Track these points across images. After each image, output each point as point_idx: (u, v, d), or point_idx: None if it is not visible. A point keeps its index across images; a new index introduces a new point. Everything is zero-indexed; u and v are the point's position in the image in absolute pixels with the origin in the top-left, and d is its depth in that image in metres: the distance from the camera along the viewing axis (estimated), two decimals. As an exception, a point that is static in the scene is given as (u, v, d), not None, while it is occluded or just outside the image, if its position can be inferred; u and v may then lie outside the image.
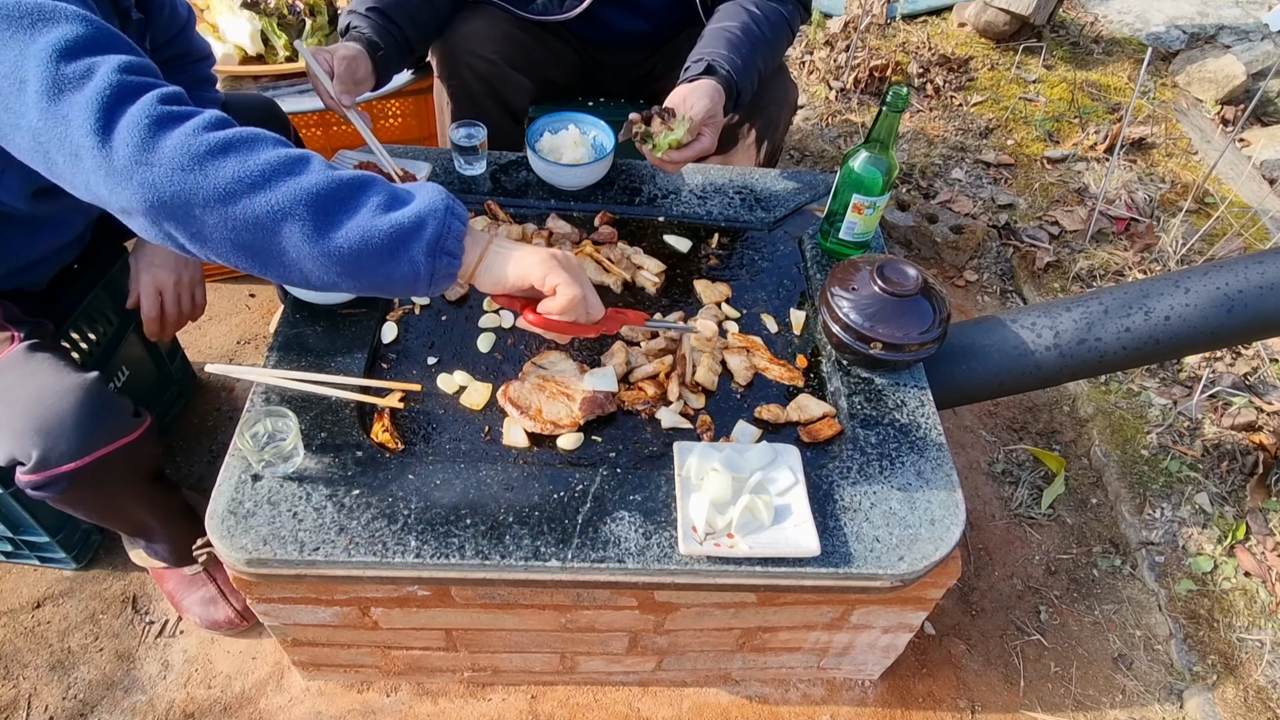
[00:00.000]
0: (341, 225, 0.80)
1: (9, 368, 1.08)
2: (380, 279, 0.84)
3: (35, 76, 0.76)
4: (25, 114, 0.77)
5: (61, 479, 1.06)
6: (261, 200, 0.78)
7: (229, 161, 0.78)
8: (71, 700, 1.38)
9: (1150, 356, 1.36)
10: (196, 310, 1.33)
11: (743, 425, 1.22)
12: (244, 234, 0.79)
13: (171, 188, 0.76)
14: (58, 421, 1.04)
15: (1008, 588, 1.66)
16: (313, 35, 1.94)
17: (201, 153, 0.77)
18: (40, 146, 0.78)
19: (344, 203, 0.81)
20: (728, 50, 1.47)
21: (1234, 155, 2.82)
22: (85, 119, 0.75)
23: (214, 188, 0.77)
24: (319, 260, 0.81)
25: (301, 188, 0.79)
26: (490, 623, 1.21)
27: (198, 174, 0.77)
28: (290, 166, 0.80)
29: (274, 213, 0.78)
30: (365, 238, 0.81)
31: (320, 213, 0.80)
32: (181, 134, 0.77)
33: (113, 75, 0.77)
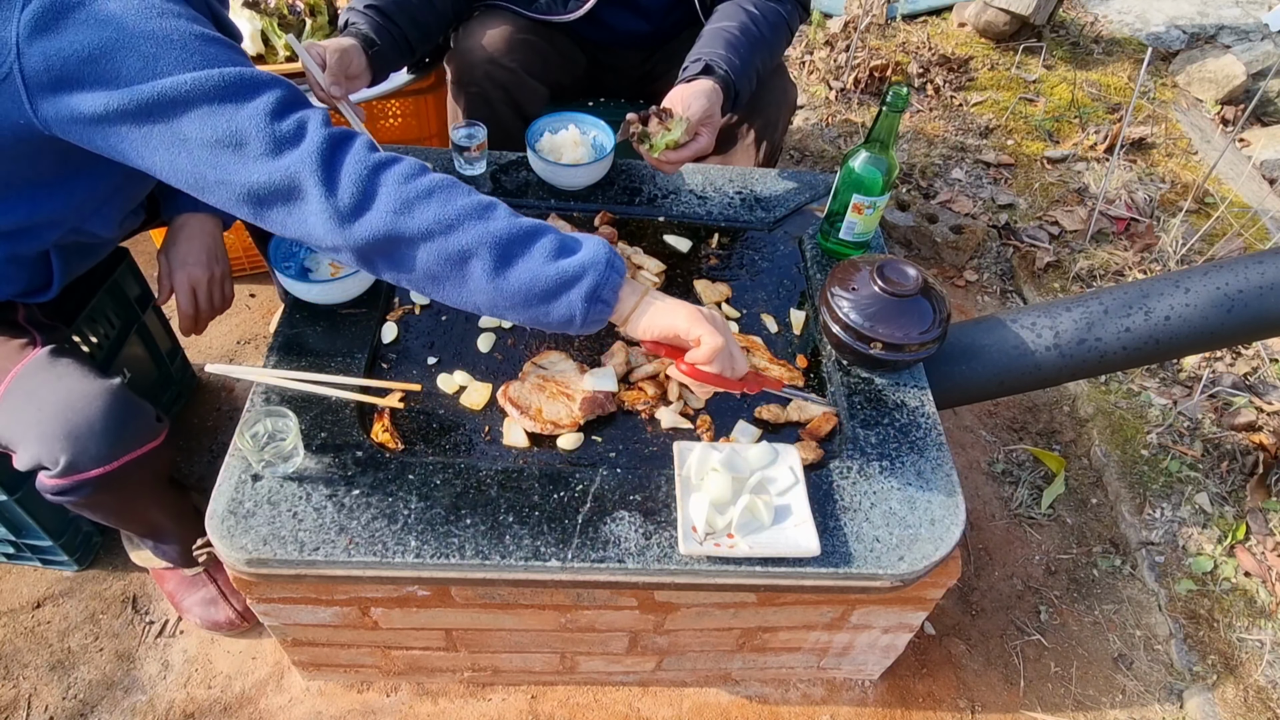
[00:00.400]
0: (516, 266, 0.92)
1: (34, 372, 1.09)
2: (541, 315, 0.95)
3: (255, 138, 0.85)
4: (244, 171, 0.86)
5: (88, 484, 1.07)
6: (456, 240, 0.90)
7: (433, 204, 0.90)
8: (71, 700, 1.38)
9: (1150, 356, 1.36)
10: (226, 304, 1.36)
11: (743, 425, 1.22)
12: (435, 266, 0.91)
13: (385, 229, 0.88)
14: (87, 427, 1.05)
15: (1008, 588, 1.66)
16: (313, 35, 1.93)
17: (412, 197, 0.89)
18: (254, 198, 0.88)
19: (521, 247, 0.93)
20: (726, 50, 1.47)
21: (1234, 155, 2.82)
22: (309, 168, 0.86)
23: (419, 227, 0.89)
24: (491, 294, 0.93)
25: (489, 231, 0.91)
26: (490, 623, 1.21)
27: (407, 216, 0.89)
28: (480, 212, 0.92)
29: (463, 251, 0.90)
30: (534, 280, 0.92)
31: (500, 255, 0.91)
32: (394, 180, 0.89)
33: (322, 130, 0.88)
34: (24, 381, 1.08)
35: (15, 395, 1.07)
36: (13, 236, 1.06)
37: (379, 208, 0.88)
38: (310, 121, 0.89)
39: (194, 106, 0.85)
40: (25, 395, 1.07)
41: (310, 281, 1.26)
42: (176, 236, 1.29)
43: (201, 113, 0.85)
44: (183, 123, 0.85)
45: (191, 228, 1.29)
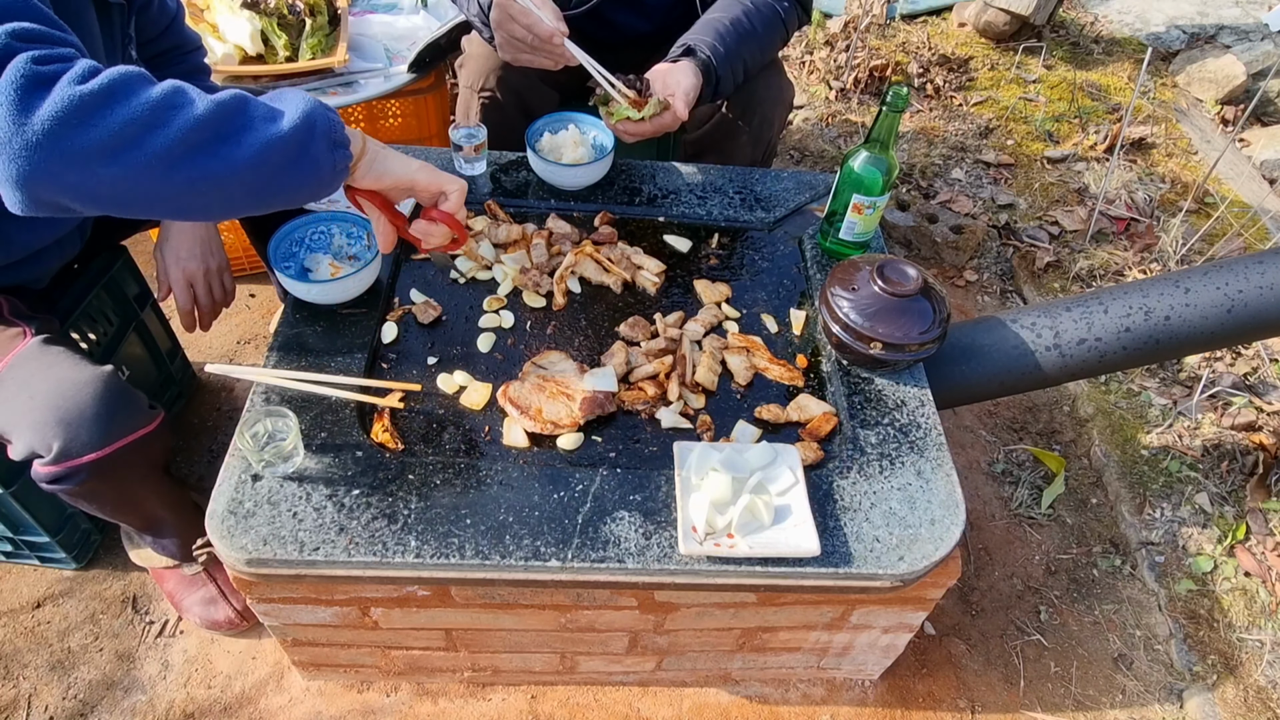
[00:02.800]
0: (243, 142, 0.78)
1: (25, 361, 1.09)
2: (289, 185, 0.83)
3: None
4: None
5: (81, 470, 1.07)
6: (161, 139, 0.74)
7: (115, 109, 0.73)
8: (71, 700, 1.38)
9: (1150, 356, 1.36)
10: (228, 297, 1.35)
11: (743, 425, 1.22)
12: (149, 179, 0.75)
13: (59, 147, 0.71)
14: (78, 413, 1.05)
15: (1008, 588, 1.66)
16: (313, 35, 1.93)
17: (82, 104, 0.71)
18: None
19: (238, 121, 0.79)
20: (712, 38, 1.49)
21: (1234, 155, 2.82)
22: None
23: (106, 136, 0.72)
24: (227, 182, 0.79)
25: (193, 117, 0.76)
26: (490, 623, 1.21)
27: (85, 129, 0.72)
28: (173, 98, 0.76)
29: (176, 149, 0.75)
30: (268, 147, 0.79)
31: (219, 137, 0.77)
32: (58, 91, 0.71)
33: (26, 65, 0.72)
34: (16, 371, 1.08)
35: (8, 384, 1.07)
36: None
37: (42, 122, 0.70)
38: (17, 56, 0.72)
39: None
40: (17, 384, 1.07)
41: (310, 281, 1.26)
42: (169, 231, 1.28)
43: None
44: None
45: (183, 222, 1.28)
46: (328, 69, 1.93)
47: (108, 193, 0.75)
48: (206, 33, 1.85)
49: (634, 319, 1.35)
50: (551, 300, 1.39)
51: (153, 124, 0.74)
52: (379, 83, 1.95)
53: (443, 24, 1.91)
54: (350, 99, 1.89)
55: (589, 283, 1.43)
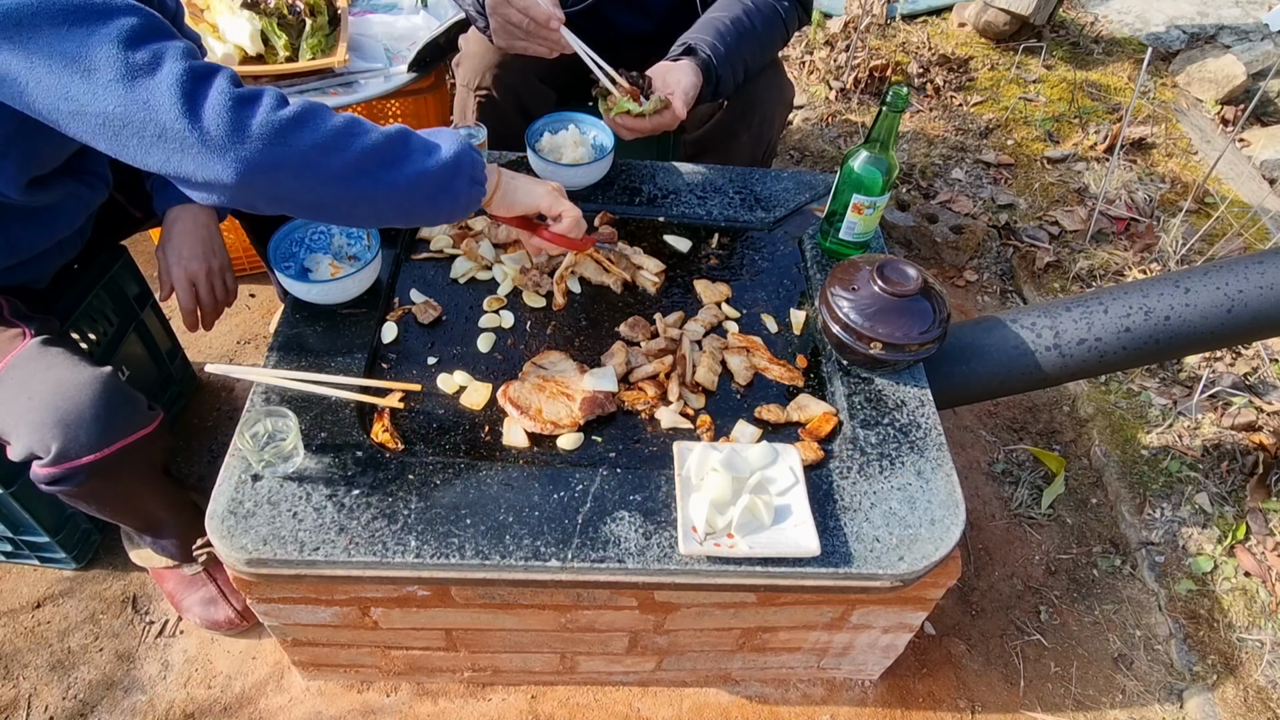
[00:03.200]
0: (401, 170, 0.95)
1: (24, 362, 1.09)
2: (430, 210, 1.01)
3: (104, 65, 0.82)
4: (96, 99, 0.82)
5: (80, 471, 1.07)
6: (338, 161, 0.91)
7: (305, 132, 0.89)
8: (71, 700, 1.38)
9: (1150, 356, 1.36)
10: (230, 297, 1.35)
11: (743, 425, 1.22)
12: (323, 189, 0.92)
13: (263, 159, 0.87)
14: (77, 414, 1.05)
15: (1008, 588, 1.66)
16: (313, 35, 1.93)
17: (283, 126, 0.88)
18: (110, 129, 0.84)
19: (399, 152, 0.96)
20: (713, 37, 1.49)
21: (1234, 155, 2.82)
22: (171, 102, 0.83)
23: (298, 155, 0.88)
24: (382, 200, 0.96)
25: (364, 145, 0.93)
26: (490, 623, 1.21)
27: (283, 146, 0.87)
28: (351, 128, 0.93)
29: (348, 169, 0.92)
30: (420, 177, 0.97)
31: (382, 163, 0.94)
32: (263, 111, 0.87)
33: (181, 62, 0.85)
34: (15, 372, 1.08)
35: (7, 385, 1.07)
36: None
37: (253, 139, 0.86)
38: (168, 53, 0.84)
39: (42, 27, 0.81)
40: (17, 385, 1.07)
41: (310, 281, 1.26)
42: (170, 232, 1.28)
43: (50, 35, 0.81)
44: (32, 46, 0.81)
45: (185, 221, 1.29)
46: (328, 69, 1.92)
47: (290, 195, 0.92)
48: (206, 33, 1.85)
49: (634, 319, 1.36)
50: (551, 300, 1.39)
51: (333, 148, 0.91)
52: (379, 83, 1.95)
53: (442, 23, 1.91)
54: (350, 99, 1.89)
55: (589, 283, 1.43)
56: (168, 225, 1.29)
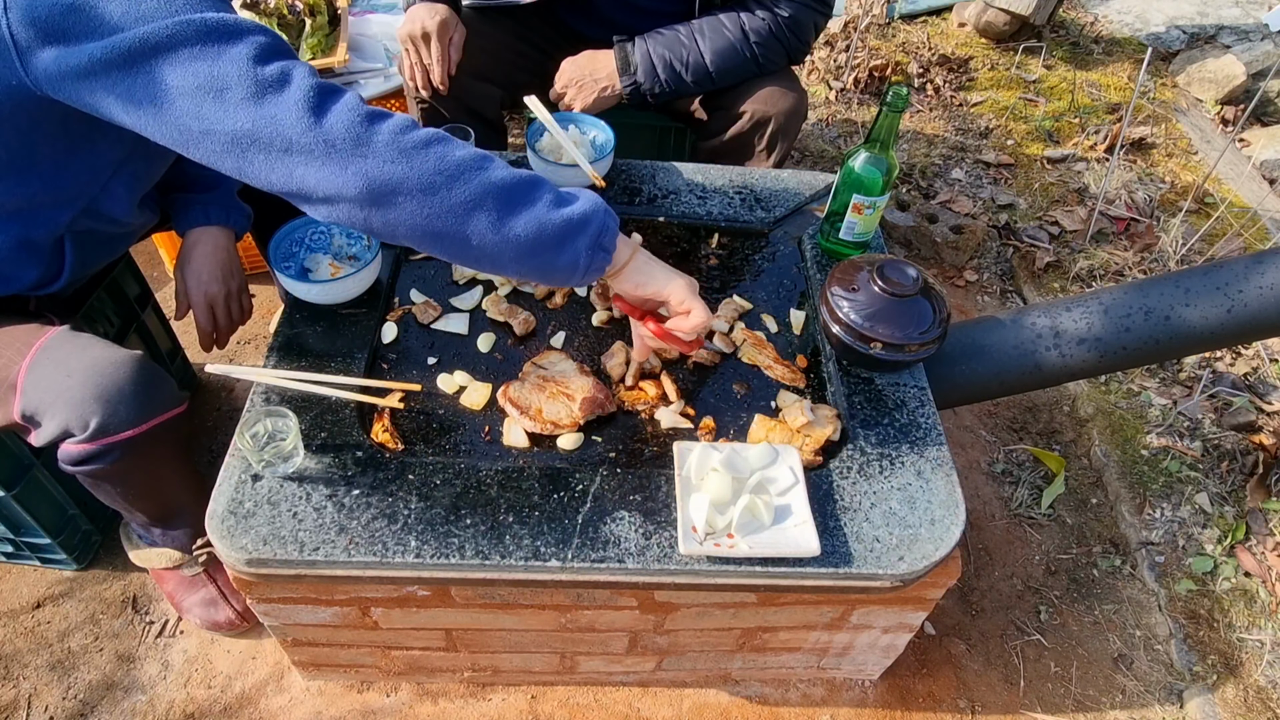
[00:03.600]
0: (521, 216, 0.91)
1: (58, 344, 1.10)
2: (545, 265, 0.95)
3: (236, 83, 0.84)
4: (226, 119, 0.84)
5: (116, 448, 1.08)
6: (459, 191, 0.88)
7: (431, 155, 0.88)
8: (71, 700, 1.38)
9: (1150, 356, 1.36)
10: (245, 317, 1.37)
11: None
12: (439, 218, 0.89)
13: (385, 175, 0.86)
14: (117, 390, 1.06)
15: (1008, 588, 1.66)
16: (313, 35, 1.94)
17: (409, 146, 0.87)
18: (238, 146, 0.86)
19: (524, 196, 0.92)
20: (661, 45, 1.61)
21: (1234, 155, 2.82)
22: (298, 116, 0.84)
23: (420, 177, 0.87)
24: (497, 245, 0.92)
25: (491, 181, 0.90)
26: (490, 623, 1.21)
27: (406, 164, 0.87)
28: (479, 163, 0.91)
29: (467, 202, 0.89)
30: (541, 228, 0.92)
31: (504, 204, 0.91)
32: (389, 130, 0.87)
33: (309, 79, 0.86)
34: (50, 352, 1.09)
35: (43, 364, 1.08)
36: (25, 217, 1.07)
37: (376, 155, 0.86)
38: (295, 69, 0.87)
39: (174, 53, 0.83)
40: (53, 364, 1.08)
41: (310, 281, 1.26)
42: (191, 253, 1.30)
43: (182, 59, 0.83)
44: (164, 71, 0.84)
45: (205, 244, 1.30)
46: (328, 69, 1.93)
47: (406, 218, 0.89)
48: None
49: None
50: (551, 300, 1.39)
51: (457, 177, 0.89)
52: (379, 83, 1.96)
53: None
54: (350, 99, 1.89)
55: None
56: (188, 246, 1.30)
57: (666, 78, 1.61)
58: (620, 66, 1.63)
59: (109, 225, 1.20)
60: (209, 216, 1.31)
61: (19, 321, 1.15)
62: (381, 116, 0.88)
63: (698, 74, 1.61)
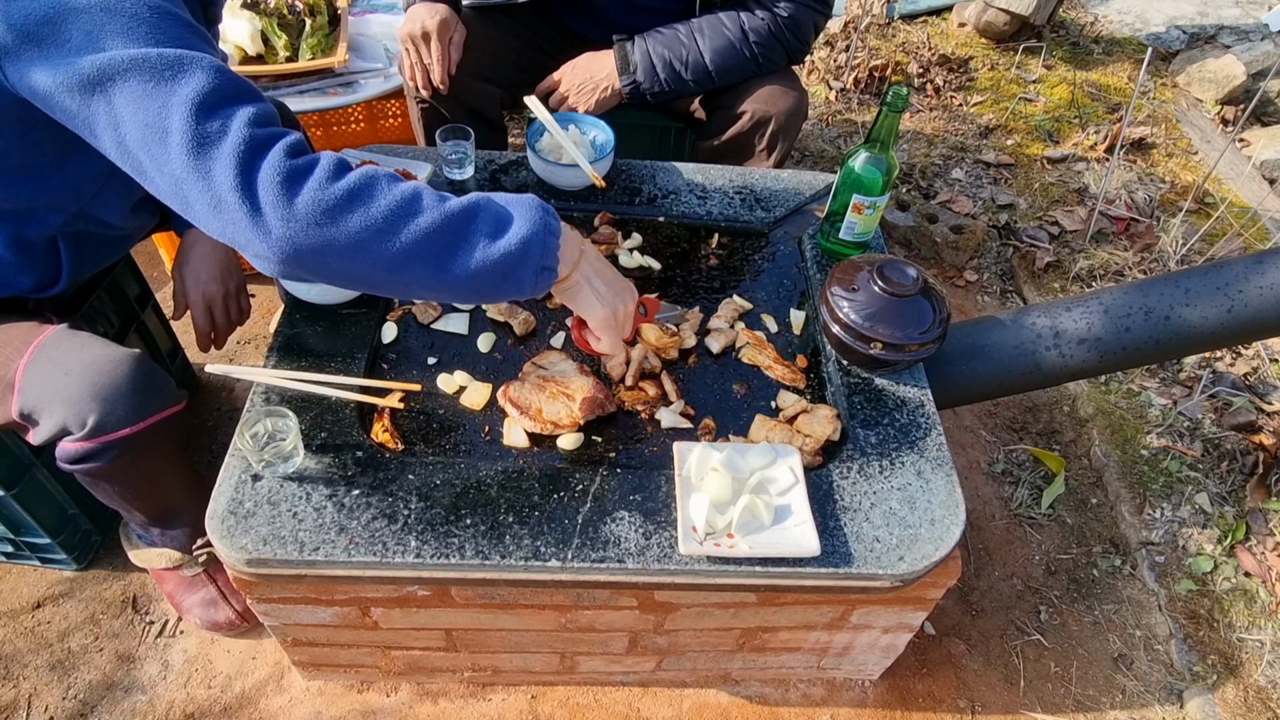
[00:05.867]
0: (458, 258, 0.89)
1: (56, 342, 1.10)
2: (491, 295, 0.94)
3: (177, 129, 0.82)
4: (169, 162, 0.83)
5: (114, 446, 1.08)
6: (390, 245, 0.86)
7: (355, 212, 0.85)
8: (72, 700, 1.38)
9: (1150, 356, 1.36)
10: (243, 317, 1.37)
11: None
12: (373, 274, 0.88)
13: (308, 241, 0.84)
14: (114, 388, 1.06)
15: (1008, 588, 1.66)
16: (313, 35, 1.93)
17: (332, 205, 0.84)
18: (180, 192, 0.84)
19: (458, 236, 0.89)
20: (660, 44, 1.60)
21: (1234, 155, 2.82)
22: (226, 175, 0.82)
23: (346, 238, 0.84)
24: (439, 288, 0.91)
25: (421, 229, 0.87)
26: (490, 623, 1.21)
27: (331, 227, 0.84)
28: (407, 208, 0.87)
29: (400, 255, 0.86)
30: (480, 268, 0.90)
31: (439, 249, 0.88)
32: (311, 188, 0.84)
33: (244, 130, 0.83)
34: (48, 350, 1.09)
35: (40, 363, 1.08)
36: (17, 218, 1.07)
37: (297, 220, 0.83)
38: (234, 120, 0.83)
39: (128, 85, 0.82)
40: (51, 363, 1.08)
41: (310, 281, 1.26)
42: (189, 254, 1.30)
43: (135, 94, 0.82)
44: (118, 102, 0.82)
45: (204, 243, 1.30)
46: (328, 69, 1.93)
47: (339, 275, 0.88)
48: (206, 33, 1.85)
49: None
50: (551, 300, 1.39)
51: (386, 230, 0.85)
52: (379, 83, 1.96)
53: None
54: (350, 99, 1.90)
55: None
56: (186, 247, 1.30)
57: (666, 77, 1.62)
58: (620, 65, 1.63)
59: (104, 229, 1.19)
60: None
61: (17, 320, 1.15)
62: (305, 171, 0.84)
63: (697, 73, 1.61)
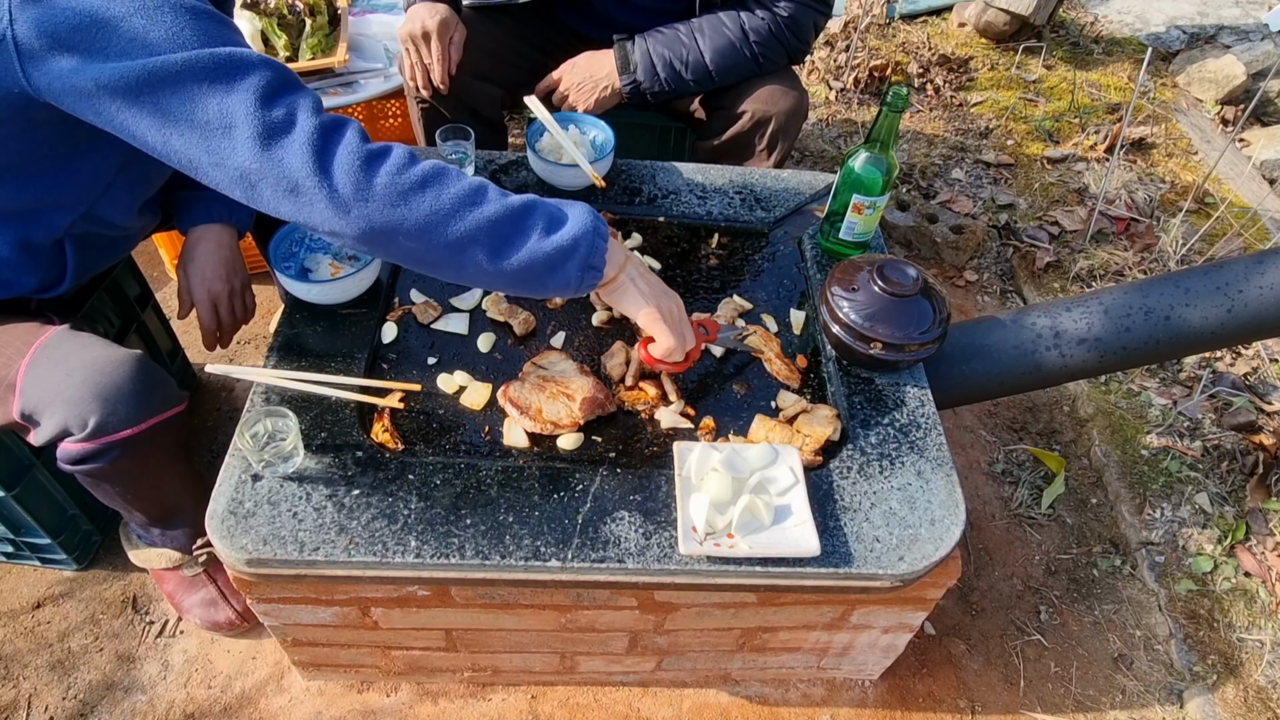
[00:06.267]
0: (514, 248, 0.96)
1: (58, 343, 1.10)
2: (538, 288, 1.01)
3: (243, 123, 0.86)
4: (234, 154, 0.87)
5: (115, 447, 1.08)
6: (454, 229, 0.93)
7: (427, 196, 0.92)
8: (72, 701, 1.38)
9: (1150, 356, 1.36)
10: (249, 315, 1.37)
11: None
12: (435, 254, 0.95)
13: (384, 219, 0.90)
14: (116, 389, 1.06)
15: (1008, 588, 1.66)
16: (313, 35, 1.94)
17: (406, 189, 0.91)
18: (247, 181, 0.89)
19: (516, 228, 0.96)
20: (660, 44, 1.60)
21: (1234, 155, 2.82)
22: (302, 161, 0.87)
23: (417, 219, 0.92)
24: (492, 275, 0.97)
25: (484, 218, 0.94)
26: (490, 623, 1.21)
27: (404, 208, 0.91)
28: (474, 198, 0.95)
29: (462, 239, 0.94)
30: (533, 258, 0.97)
31: (498, 239, 0.95)
32: (388, 172, 0.91)
33: (311, 119, 0.89)
34: (49, 351, 1.09)
35: (42, 364, 1.08)
36: (24, 219, 1.08)
37: (376, 199, 0.90)
38: (300, 109, 0.89)
39: (183, 87, 0.85)
40: (52, 363, 1.08)
41: (310, 281, 1.26)
42: (193, 251, 1.30)
43: (190, 93, 0.85)
44: (172, 103, 0.85)
45: (208, 241, 1.30)
46: (328, 69, 1.93)
47: (405, 253, 0.95)
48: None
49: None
50: (551, 300, 1.39)
51: (452, 216, 0.93)
52: (379, 83, 1.96)
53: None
54: (350, 99, 1.90)
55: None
56: (190, 244, 1.30)
57: (666, 76, 1.62)
58: (620, 65, 1.63)
59: (109, 229, 1.20)
60: (212, 214, 1.30)
61: (18, 320, 1.15)
62: (381, 156, 0.91)
63: (697, 73, 1.61)
